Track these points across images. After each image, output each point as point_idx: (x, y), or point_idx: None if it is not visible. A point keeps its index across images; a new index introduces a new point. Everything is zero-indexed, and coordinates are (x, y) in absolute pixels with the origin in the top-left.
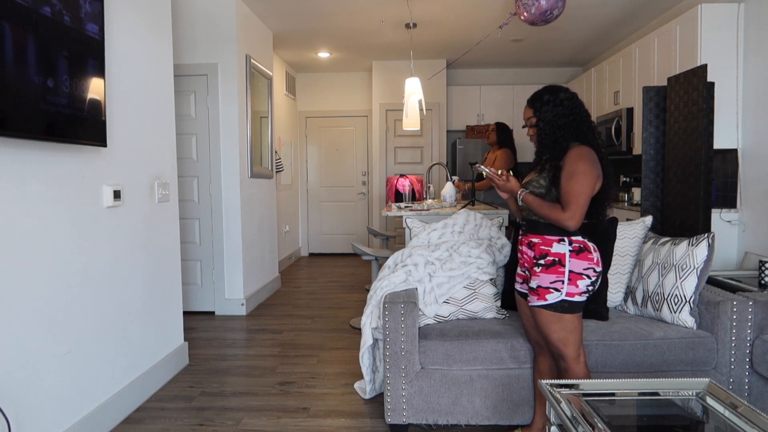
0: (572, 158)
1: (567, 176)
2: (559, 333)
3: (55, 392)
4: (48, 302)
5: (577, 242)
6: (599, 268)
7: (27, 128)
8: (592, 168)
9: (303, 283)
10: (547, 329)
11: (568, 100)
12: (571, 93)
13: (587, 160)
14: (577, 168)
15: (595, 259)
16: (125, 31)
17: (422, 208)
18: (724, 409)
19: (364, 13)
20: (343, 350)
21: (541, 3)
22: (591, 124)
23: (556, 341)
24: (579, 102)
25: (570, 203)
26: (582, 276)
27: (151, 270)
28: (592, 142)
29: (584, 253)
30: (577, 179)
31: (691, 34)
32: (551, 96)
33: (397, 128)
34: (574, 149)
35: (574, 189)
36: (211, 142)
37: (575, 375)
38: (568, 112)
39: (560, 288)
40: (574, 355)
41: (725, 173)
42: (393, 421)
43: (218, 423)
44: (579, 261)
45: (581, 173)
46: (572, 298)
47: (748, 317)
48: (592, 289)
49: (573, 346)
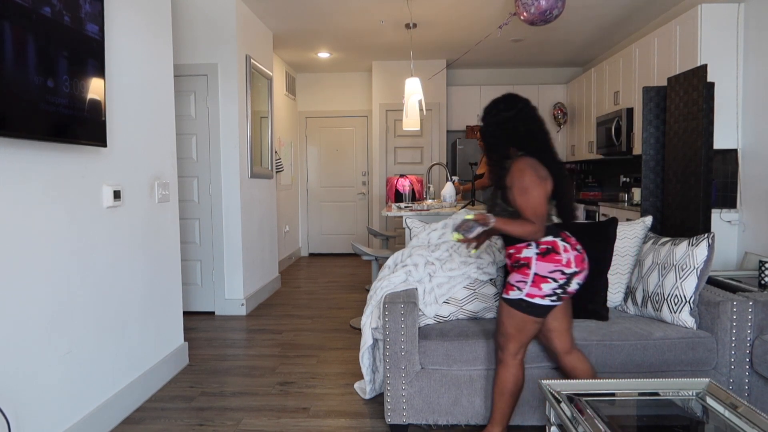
0: (515, 174)
1: (519, 193)
2: (508, 327)
3: (55, 392)
4: (48, 302)
5: (545, 244)
6: (570, 270)
7: (27, 128)
8: (537, 176)
9: (303, 283)
10: (499, 320)
11: (506, 111)
12: (511, 103)
13: (529, 171)
14: (523, 182)
15: (564, 260)
16: (125, 31)
17: (422, 208)
18: (724, 409)
19: (364, 13)
20: (343, 350)
21: (540, 3)
22: (533, 132)
23: (503, 333)
24: (522, 111)
25: (532, 217)
26: (547, 279)
27: (151, 270)
28: (533, 150)
29: (551, 254)
30: (529, 193)
31: (691, 34)
32: (492, 107)
33: (397, 128)
34: (515, 164)
35: (530, 203)
36: (211, 142)
37: (508, 370)
38: (502, 122)
39: (522, 288)
40: (514, 351)
41: (725, 173)
42: (393, 422)
43: (218, 423)
44: (545, 263)
45: (529, 186)
46: (532, 300)
47: (748, 317)
48: (561, 291)
49: (515, 344)
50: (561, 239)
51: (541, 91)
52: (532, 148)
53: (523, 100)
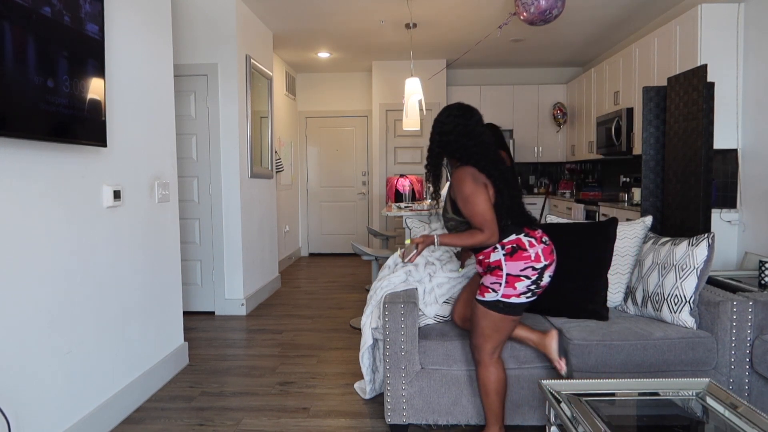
0: (456, 185)
1: (462, 203)
2: (485, 328)
3: (55, 392)
4: (48, 302)
5: (510, 243)
6: (540, 264)
7: (27, 128)
8: (476, 184)
9: (303, 283)
10: (475, 322)
11: (440, 125)
12: (450, 112)
13: (468, 181)
14: (464, 192)
15: (532, 255)
16: (125, 31)
17: (422, 208)
18: (724, 409)
19: (364, 13)
20: (343, 350)
21: (540, 3)
22: (470, 141)
23: (479, 334)
24: (460, 120)
25: (482, 224)
26: (520, 278)
27: (151, 270)
28: (470, 160)
29: (518, 252)
30: (472, 201)
31: (691, 34)
32: (436, 118)
33: (397, 128)
34: (454, 175)
35: (475, 211)
36: (211, 142)
37: (488, 370)
38: (439, 135)
39: (497, 289)
40: (490, 350)
41: (725, 173)
42: (393, 422)
43: (218, 423)
44: (514, 262)
45: (470, 194)
46: (508, 300)
47: (748, 317)
48: (534, 287)
49: (492, 344)
50: (524, 235)
51: (541, 91)
52: (468, 159)
53: (461, 115)
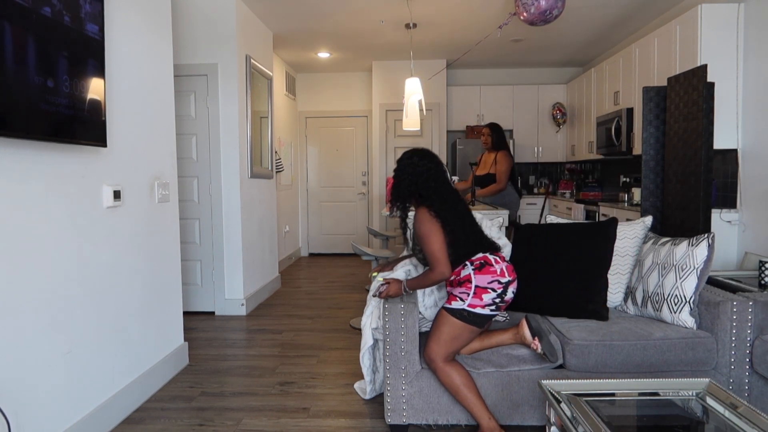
0: (416, 225)
1: (421, 241)
2: (444, 335)
3: (55, 392)
4: (48, 302)
5: (478, 259)
6: (504, 279)
7: (27, 128)
8: (431, 225)
9: (303, 283)
10: (436, 327)
11: (401, 171)
12: (424, 155)
13: (424, 222)
14: (422, 232)
15: (498, 270)
16: (125, 31)
17: None
18: (724, 410)
19: (364, 13)
20: (343, 350)
21: (540, 3)
22: (430, 182)
23: (437, 340)
24: (431, 165)
25: (434, 261)
26: (487, 290)
27: (151, 270)
28: (430, 201)
29: (486, 267)
30: (428, 241)
31: (691, 34)
32: (406, 161)
33: (397, 128)
34: (415, 215)
35: (431, 250)
36: (211, 142)
37: (446, 372)
38: (412, 176)
39: (465, 299)
40: (443, 357)
41: (725, 173)
42: (393, 422)
43: (218, 423)
44: (483, 276)
45: (427, 235)
46: (473, 309)
47: (748, 317)
48: (499, 301)
49: (446, 351)
50: (489, 253)
51: (541, 91)
52: (429, 201)
53: (432, 160)
